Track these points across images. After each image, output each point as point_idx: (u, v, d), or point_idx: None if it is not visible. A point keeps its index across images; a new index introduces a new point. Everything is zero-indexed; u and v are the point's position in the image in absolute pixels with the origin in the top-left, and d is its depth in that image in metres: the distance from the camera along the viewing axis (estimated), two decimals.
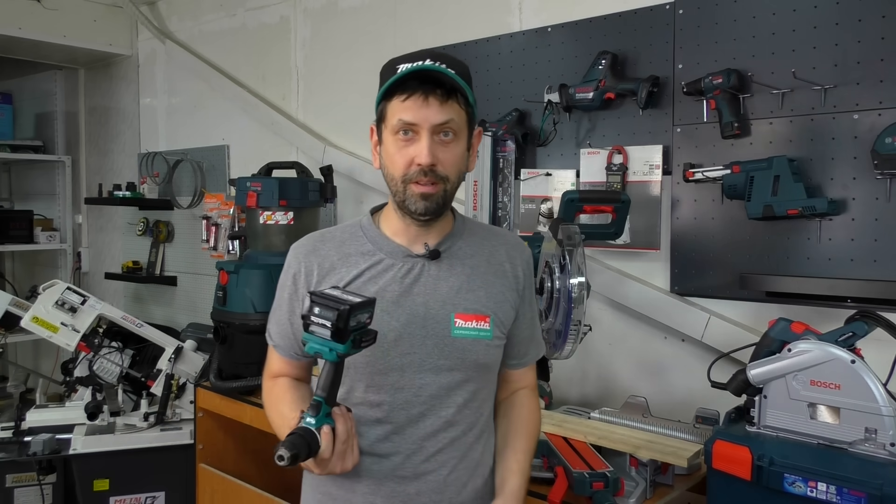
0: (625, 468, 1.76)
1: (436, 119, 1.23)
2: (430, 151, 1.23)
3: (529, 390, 1.49)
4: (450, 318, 1.30)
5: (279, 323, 1.42)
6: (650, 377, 2.28)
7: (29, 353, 4.85)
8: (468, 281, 1.34)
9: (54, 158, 4.67)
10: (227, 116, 3.72)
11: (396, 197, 1.30)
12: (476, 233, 1.41)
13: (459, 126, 1.27)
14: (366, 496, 1.31)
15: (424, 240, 1.33)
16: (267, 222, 2.78)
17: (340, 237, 1.39)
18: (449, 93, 1.24)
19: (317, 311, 1.12)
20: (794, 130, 1.97)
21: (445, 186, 1.27)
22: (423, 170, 1.24)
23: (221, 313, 2.69)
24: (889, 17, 1.82)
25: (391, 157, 1.27)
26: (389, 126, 1.26)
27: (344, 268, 1.33)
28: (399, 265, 1.32)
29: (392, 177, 1.28)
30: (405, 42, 2.89)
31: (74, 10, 4.03)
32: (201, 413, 2.80)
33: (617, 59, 2.27)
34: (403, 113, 1.23)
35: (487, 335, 1.32)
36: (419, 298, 1.31)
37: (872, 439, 1.41)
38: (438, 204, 1.28)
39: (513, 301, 1.38)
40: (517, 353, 1.45)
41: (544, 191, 2.47)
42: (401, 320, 1.29)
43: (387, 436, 1.30)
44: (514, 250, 1.42)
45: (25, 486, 2.86)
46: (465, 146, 1.30)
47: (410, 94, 1.22)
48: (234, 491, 2.65)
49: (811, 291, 1.87)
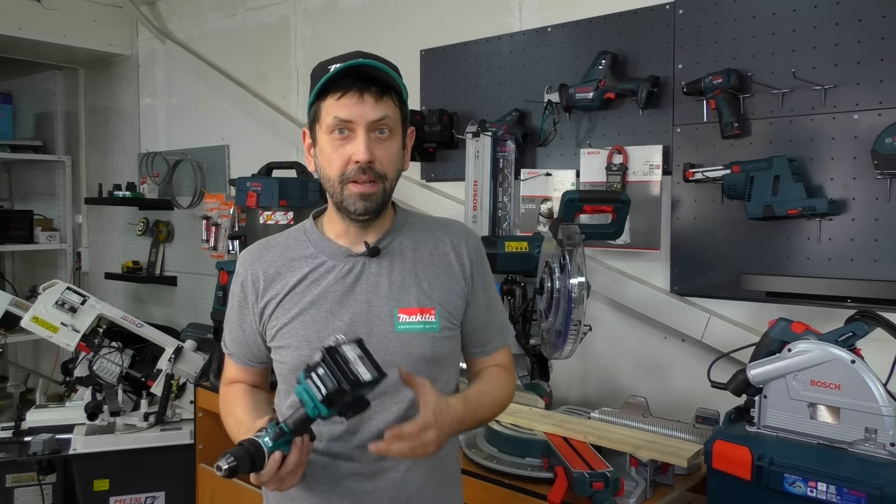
0: (625, 468, 1.76)
1: (371, 115, 1.23)
2: (367, 148, 1.23)
3: (500, 367, 1.45)
4: (393, 313, 1.30)
5: (231, 331, 1.42)
6: (650, 377, 2.28)
7: (29, 353, 4.85)
8: (410, 275, 1.33)
9: (54, 158, 4.67)
10: (227, 116, 3.72)
11: (334, 198, 1.29)
12: (418, 226, 1.40)
13: (394, 123, 1.27)
14: (323, 495, 1.31)
15: (364, 238, 1.33)
16: (267, 222, 2.78)
17: (284, 243, 1.39)
18: (383, 90, 1.24)
19: (321, 371, 1.11)
20: (794, 130, 1.97)
21: (384, 185, 1.27)
22: (362, 167, 1.24)
23: (221, 313, 2.67)
24: (889, 17, 1.82)
25: (327, 157, 1.27)
26: (324, 125, 1.26)
27: (288, 273, 1.34)
28: (340, 265, 1.32)
29: (329, 178, 1.28)
30: (405, 42, 2.89)
31: (74, 10, 4.04)
32: (201, 413, 2.80)
33: (617, 59, 2.27)
34: (339, 111, 1.23)
35: (434, 327, 1.31)
36: (361, 297, 1.31)
37: (872, 439, 1.41)
38: (378, 203, 1.28)
39: (460, 290, 1.36)
40: (478, 342, 1.43)
41: (544, 191, 2.47)
42: (344, 320, 1.29)
43: (340, 435, 1.30)
44: (459, 239, 1.40)
45: (25, 486, 2.86)
46: (400, 144, 1.31)
47: (345, 91, 1.23)
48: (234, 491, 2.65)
49: (811, 291, 1.87)
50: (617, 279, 2.31)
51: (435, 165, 2.79)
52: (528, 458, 1.82)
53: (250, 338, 1.39)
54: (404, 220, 1.39)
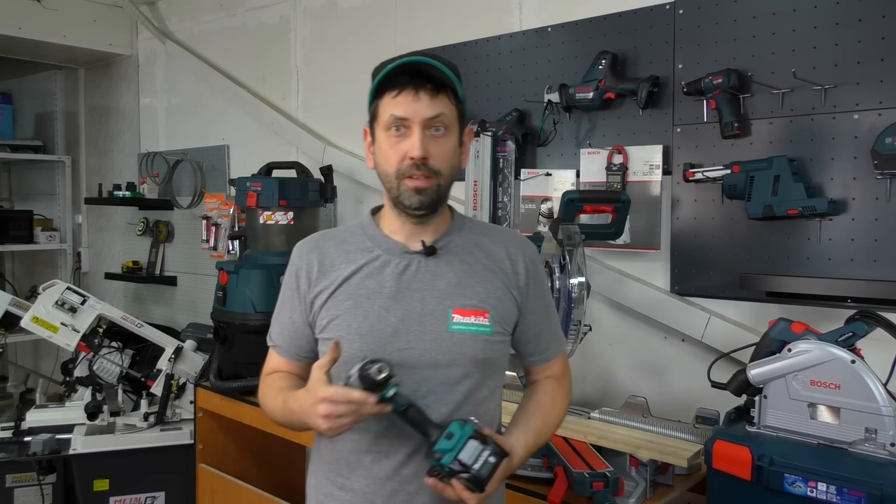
0: (625, 468, 1.76)
1: (426, 113, 1.25)
2: (422, 144, 1.25)
3: (553, 379, 1.47)
4: (447, 313, 1.30)
5: (280, 322, 1.43)
6: (650, 377, 2.28)
7: (29, 353, 4.85)
8: (465, 277, 1.34)
9: (54, 158, 4.66)
10: (227, 116, 3.72)
11: (391, 193, 1.31)
12: (475, 230, 1.42)
13: (450, 121, 1.29)
14: (366, 496, 1.31)
15: (421, 237, 1.34)
16: (267, 222, 2.78)
17: (341, 236, 1.41)
18: (439, 87, 1.26)
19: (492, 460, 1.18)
20: (794, 130, 1.97)
21: (439, 181, 1.29)
22: (416, 163, 1.25)
23: (221, 313, 2.69)
24: (889, 17, 1.82)
25: (384, 153, 1.29)
26: (382, 123, 1.28)
27: (343, 264, 1.35)
28: (396, 261, 1.33)
29: (386, 173, 1.30)
30: (405, 42, 2.89)
31: (74, 10, 4.03)
32: (201, 413, 2.81)
33: (617, 59, 2.27)
34: (395, 108, 1.26)
35: (487, 331, 1.32)
36: (416, 294, 1.31)
37: (872, 439, 1.41)
38: (432, 198, 1.29)
39: (513, 299, 1.37)
40: (535, 350, 1.44)
41: (544, 191, 2.47)
42: (398, 315, 1.30)
43: (385, 433, 1.30)
44: (516, 247, 1.41)
45: (25, 486, 2.86)
46: (456, 141, 1.32)
47: (401, 89, 1.25)
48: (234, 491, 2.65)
49: (811, 291, 1.87)
50: (617, 279, 2.31)
51: None
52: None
53: (299, 329, 1.39)
54: (461, 223, 1.41)
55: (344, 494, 1.33)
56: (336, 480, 1.34)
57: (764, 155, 1.98)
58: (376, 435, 1.31)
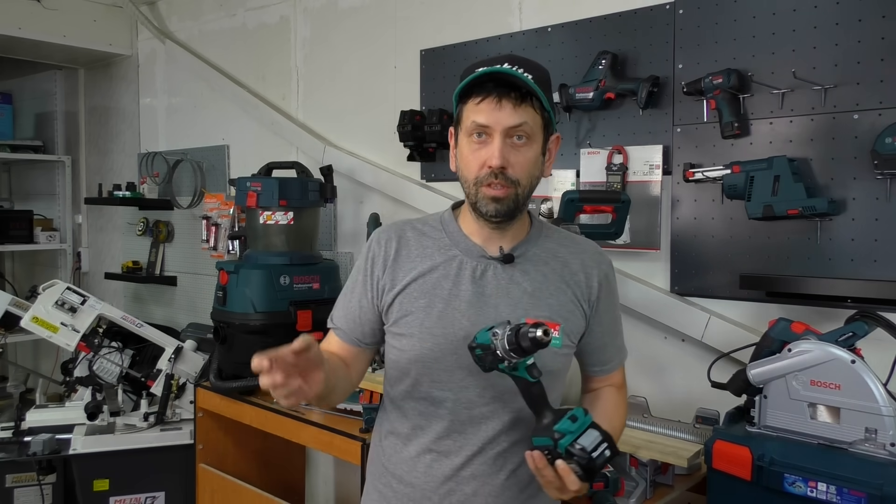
0: (625, 468, 1.76)
1: (508, 122, 1.24)
2: (502, 154, 1.24)
3: (614, 387, 1.48)
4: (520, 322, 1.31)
5: (346, 306, 1.41)
6: (650, 377, 2.28)
7: (29, 353, 4.85)
8: (540, 287, 1.34)
9: (54, 158, 4.66)
10: (227, 116, 3.72)
11: (469, 198, 1.31)
12: (552, 240, 1.41)
13: (533, 130, 1.27)
14: (424, 491, 1.33)
15: (499, 242, 1.34)
16: (267, 222, 2.78)
17: (422, 228, 1.40)
18: (524, 96, 1.25)
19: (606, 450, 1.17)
20: (794, 130, 1.97)
21: (517, 190, 1.28)
22: (494, 172, 1.25)
23: (221, 313, 2.69)
24: (889, 17, 1.82)
25: (465, 158, 1.29)
26: (464, 128, 1.28)
27: (419, 258, 1.35)
28: (473, 264, 1.34)
29: (465, 178, 1.30)
30: (405, 42, 2.89)
31: (74, 10, 4.03)
32: (201, 413, 2.81)
33: (617, 59, 2.27)
34: (477, 115, 1.25)
35: (557, 343, 1.32)
36: (491, 300, 1.32)
37: (872, 439, 1.41)
38: (509, 207, 1.29)
39: (582, 313, 1.38)
40: (598, 360, 1.45)
41: (544, 191, 2.46)
42: (471, 320, 1.30)
43: (448, 433, 1.31)
44: (592, 260, 1.41)
45: (25, 486, 2.86)
46: (538, 150, 1.30)
47: (485, 96, 1.24)
48: (234, 491, 2.65)
49: (811, 291, 1.87)
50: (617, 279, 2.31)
51: (435, 165, 2.79)
52: None
53: (366, 314, 1.38)
54: (539, 231, 1.41)
55: (402, 487, 1.36)
56: (396, 472, 1.37)
57: (764, 155, 1.98)
58: (438, 435, 1.32)
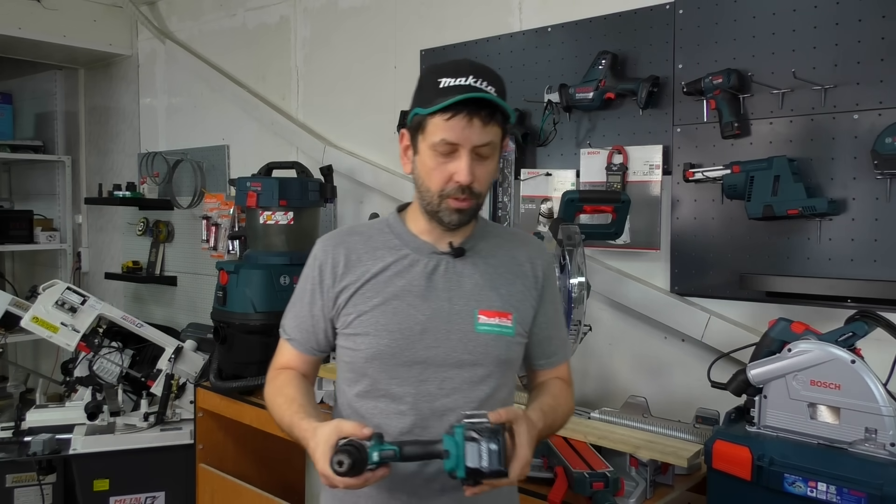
0: (625, 468, 1.76)
1: (477, 140, 1.25)
2: (470, 171, 1.25)
3: (560, 380, 1.49)
4: (473, 313, 1.33)
5: (298, 316, 1.42)
6: (650, 377, 2.28)
7: (29, 353, 4.85)
8: (490, 279, 1.36)
9: (54, 158, 4.67)
10: (227, 116, 3.72)
11: (429, 206, 1.31)
12: (498, 234, 1.45)
13: (496, 145, 1.29)
14: (391, 492, 1.32)
15: (449, 239, 1.36)
16: (267, 222, 2.78)
17: (367, 232, 1.41)
18: (492, 114, 1.25)
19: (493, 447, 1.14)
20: (794, 130, 1.97)
21: (479, 201, 1.31)
22: (462, 187, 1.26)
23: (221, 313, 2.69)
24: (889, 17, 1.82)
25: (428, 170, 1.29)
26: (429, 141, 1.27)
27: (370, 260, 1.36)
28: (425, 261, 1.35)
29: (427, 189, 1.30)
30: (405, 42, 2.89)
31: (74, 10, 4.03)
32: (201, 413, 2.81)
33: (617, 59, 2.27)
34: (446, 133, 1.24)
35: (510, 332, 1.34)
36: (444, 294, 1.33)
37: (872, 439, 1.41)
38: (471, 217, 1.32)
39: (532, 301, 1.40)
40: (543, 353, 1.46)
41: (544, 191, 2.47)
42: (426, 314, 1.31)
43: (410, 429, 1.31)
44: (535, 251, 1.45)
45: (25, 486, 2.86)
46: (497, 160, 1.33)
47: (455, 114, 1.23)
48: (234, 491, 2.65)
49: (811, 291, 1.87)
50: (617, 279, 2.31)
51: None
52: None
53: (318, 324, 1.39)
54: (485, 227, 1.43)
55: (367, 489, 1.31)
56: None
57: (764, 155, 1.98)
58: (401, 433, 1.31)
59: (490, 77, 1.27)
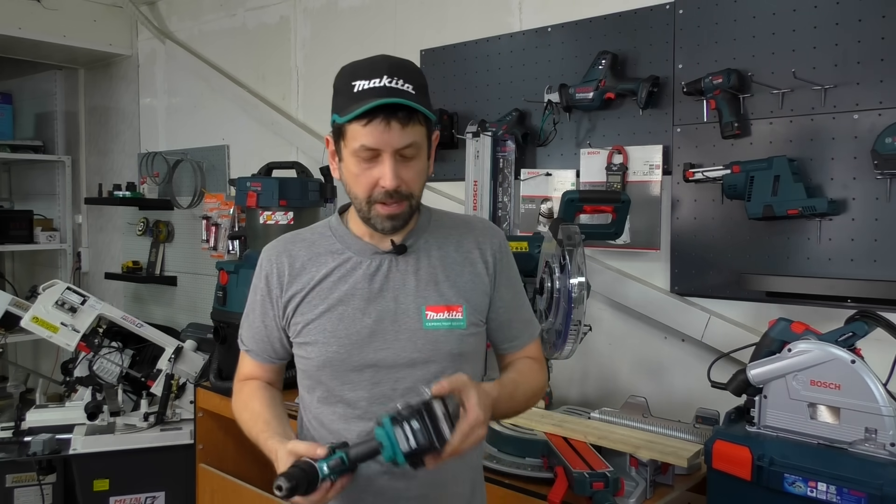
0: (625, 468, 1.76)
1: (398, 143, 1.21)
2: (395, 174, 1.22)
3: (530, 359, 1.45)
4: (420, 311, 1.30)
5: (252, 327, 1.42)
6: (650, 377, 2.28)
7: (29, 353, 4.85)
8: (437, 273, 1.34)
9: (54, 158, 4.67)
10: (227, 116, 3.72)
11: (361, 213, 1.29)
12: (442, 224, 1.40)
13: (420, 144, 1.25)
14: (359, 492, 1.30)
15: (391, 237, 1.33)
16: (267, 222, 2.79)
17: (310, 238, 1.39)
18: (410, 114, 1.21)
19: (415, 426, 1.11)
20: (794, 130, 1.97)
21: (410, 202, 1.28)
22: (388, 192, 1.23)
23: (221, 313, 2.69)
24: (889, 17, 1.82)
25: (353, 177, 1.26)
26: (350, 148, 1.24)
27: (314, 267, 1.34)
28: (367, 262, 1.33)
29: (356, 196, 1.28)
30: (405, 42, 2.89)
31: (74, 10, 4.03)
32: (201, 413, 2.81)
33: (617, 59, 2.27)
34: (365, 138, 1.20)
35: (461, 325, 1.32)
36: (389, 294, 1.31)
37: (872, 439, 1.41)
38: (404, 220, 1.29)
39: (485, 288, 1.37)
40: (506, 337, 1.43)
41: (544, 191, 2.47)
42: (373, 316, 1.30)
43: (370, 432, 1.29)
44: (483, 235, 1.40)
45: (25, 486, 2.86)
46: (426, 158, 1.29)
47: (371, 119, 1.19)
48: (234, 491, 2.65)
49: (811, 291, 1.87)
50: (617, 279, 2.31)
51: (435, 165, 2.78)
52: (528, 458, 1.82)
53: (272, 333, 1.39)
54: (428, 218, 1.40)
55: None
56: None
57: (764, 155, 1.98)
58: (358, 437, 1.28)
59: (407, 74, 1.23)
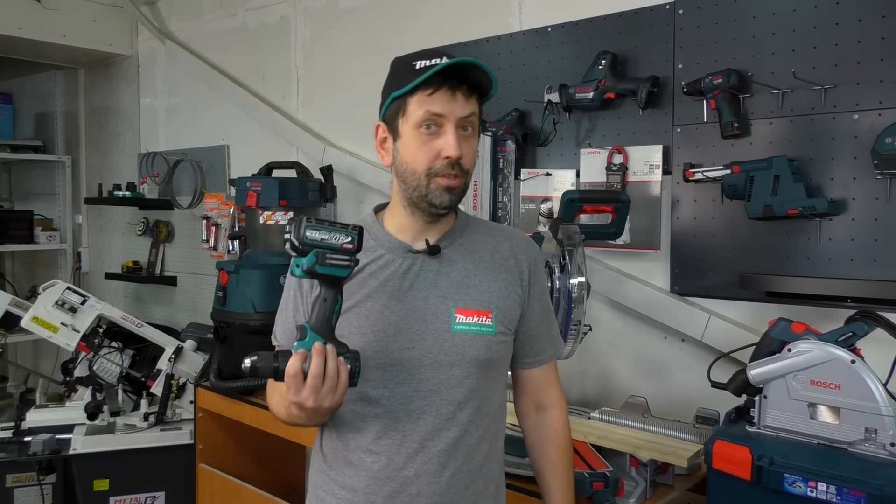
0: (625, 468, 1.76)
1: (462, 112, 1.26)
2: (458, 144, 1.25)
3: (558, 411, 1.48)
4: (450, 313, 1.30)
5: (284, 322, 1.42)
6: (650, 377, 2.28)
7: (29, 353, 4.85)
8: (470, 276, 1.33)
9: (54, 158, 4.67)
10: (227, 116, 3.72)
11: (416, 191, 1.29)
12: (479, 229, 1.41)
13: (476, 122, 1.30)
14: (367, 496, 1.30)
15: (426, 236, 1.34)
16: (267, 222, 2.79)
17: None
18: (472, 89, 1.27)
19: (288, 228, 1.15)
20: (794, 130, 1.97)
21: (466, 180, 1.30)
22: (451, 162, 1.25)
23: (221, 313, 2.69)
24: (889, 17, 1.82)
25: (412, 151, 1.27)
26: (412, 120, 1.26)
27: None
28: (399, 260, 1.33)
29: (414, 171, 1.28)
30: (405, 42, 2.89)
31: (74, 10, 4.03)
32: (201, 413, 2.81)
33: (617, 59, 2.27)
34: (431, 105, 1.24)
35: (490, 331, 1.31)
36: (419, 294, 1.31)
37: (872, 439, 1.41)
38: (460, 196, 1.31)
39: (517, 298, 1.37)
40: (531, 351, 1.43)
41: (544, 191, 2.47)
42: (400, 314, 1.29)
43: (386, 432, 1.29)
44: (520, 246, 1.41)
45: (25, 486, 2.86)
46: (477, 140, 1.33)
47: (437, 88, 1.24)
48: (234, 491, 2.65)
49: (811, 291, 1.87)
50: (617, 279, 2.31)
51: None
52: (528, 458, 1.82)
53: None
54: (465, 222, 1.40)
55: (345, 493, 1.32)
56: (337, 479, 1.34)
57: (764, 155, 1.98)
58: (376, 435, 1.30)
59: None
